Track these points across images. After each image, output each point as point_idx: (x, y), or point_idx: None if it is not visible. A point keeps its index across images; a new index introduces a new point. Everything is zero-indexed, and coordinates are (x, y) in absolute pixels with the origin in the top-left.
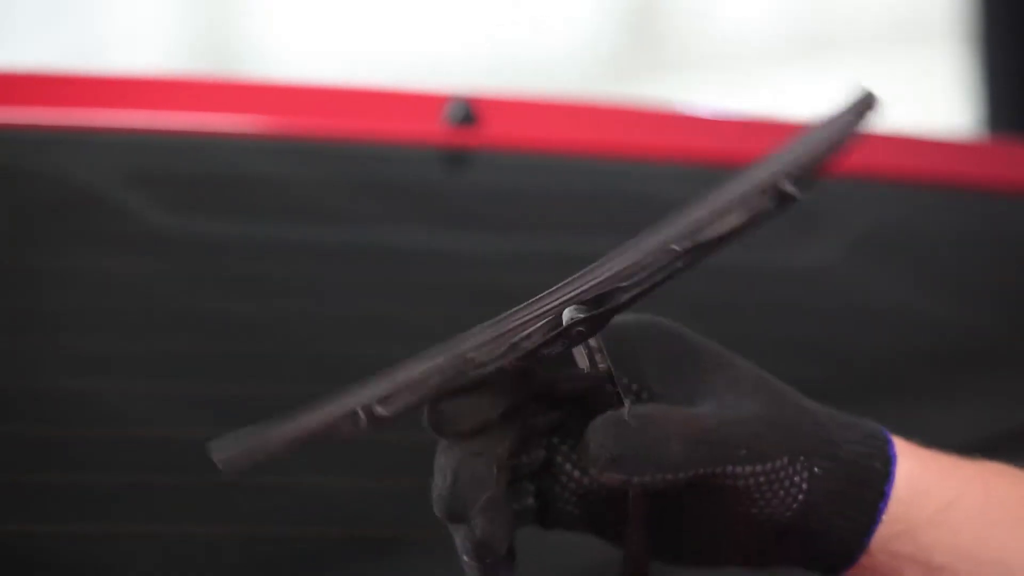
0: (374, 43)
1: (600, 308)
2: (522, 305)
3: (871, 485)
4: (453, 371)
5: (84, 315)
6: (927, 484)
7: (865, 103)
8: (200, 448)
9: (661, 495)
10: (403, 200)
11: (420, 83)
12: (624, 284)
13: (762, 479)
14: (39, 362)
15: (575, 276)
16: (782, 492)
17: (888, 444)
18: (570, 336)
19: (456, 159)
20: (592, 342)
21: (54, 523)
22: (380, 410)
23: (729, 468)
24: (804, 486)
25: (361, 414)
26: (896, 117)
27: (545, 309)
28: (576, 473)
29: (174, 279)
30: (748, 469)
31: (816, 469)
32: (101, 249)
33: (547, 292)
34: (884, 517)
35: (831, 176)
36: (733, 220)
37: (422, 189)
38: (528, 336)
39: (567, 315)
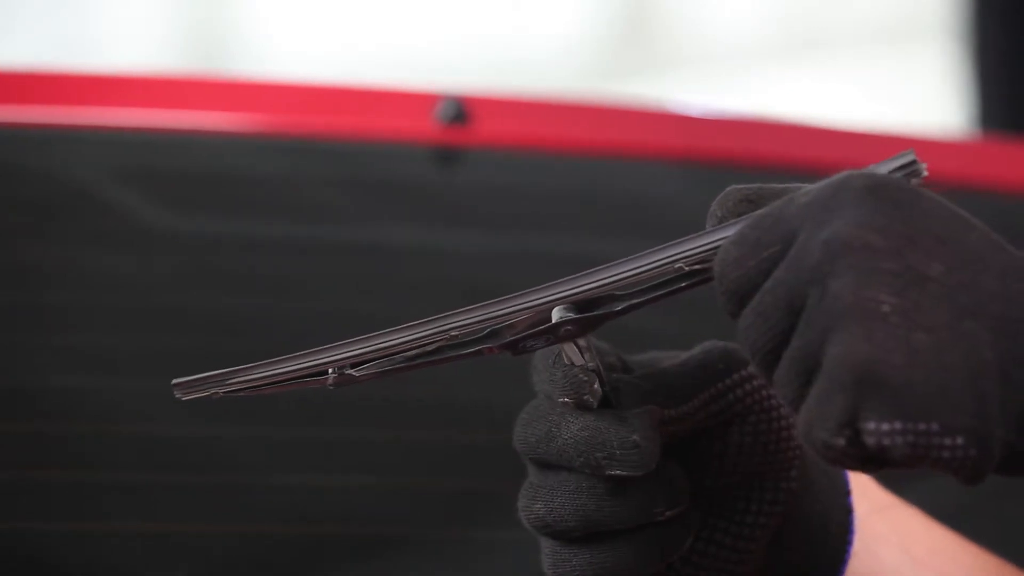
0: (366, 41)
1: (592, 312)
2: (515, 294)
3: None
4: (433, 346)
5: (77, 312)
6: (865, 483)
7: (907, 168)
8: (195, 445)
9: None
10: (395, 198)
11: (412, 81)
12: (620, 293)
13: (757, 383)
14: (33, 359)
15: (573, 276)
16: (782, 420)
17: None
18: (557, 334)
19: (448, 157)
20: (581, 341)
21: (48, 520)
22: (352, 372)
23: (735, 376)
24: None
25: (332, 372)
26: (888, 116)
27: (535, 303)
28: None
29: (167, 276)
30: (748, 371)
31: None
32: (94, 246)
33: (542, 286)
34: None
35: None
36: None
37: (414, 187)
38: (511, 326)
39: (557, 313)
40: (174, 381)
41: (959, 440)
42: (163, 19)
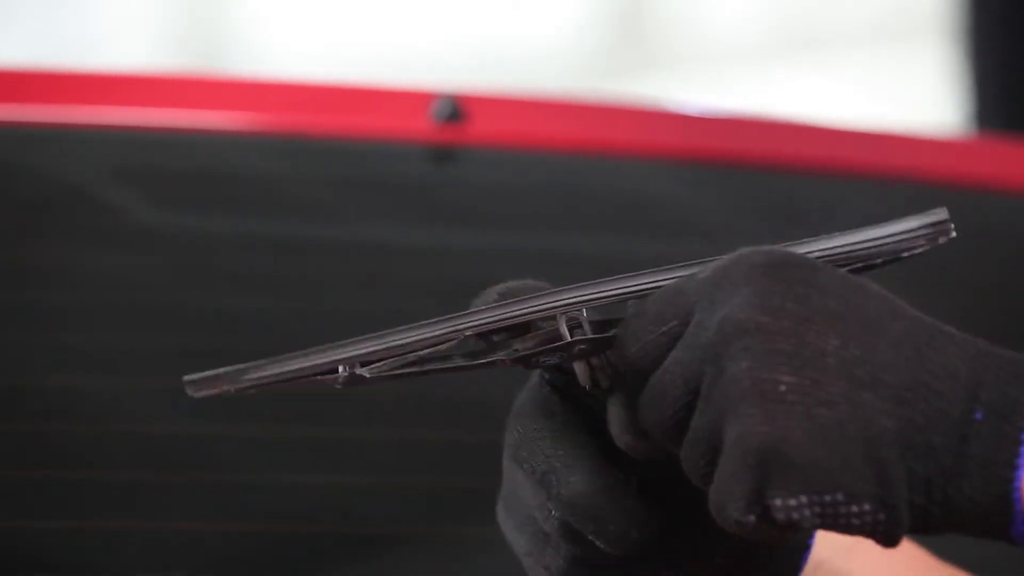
0: (362, 40)
1: (608, 332)
2: (531, 296)
3: None
4: (445, 346)
5: (72, 311)
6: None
7: (938, 226)
8: (188, 444)
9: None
10: (390, 196)
11: (407, 80)
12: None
13: None
14: (27, 357)
15: (596, 280)
16: None
17: None
18: (571, 352)
19: (443, 156)
20: (595, 360)
21: (43, 519)
22: (363, 372)
23: None
24: None
25: (342, 371)
26: (886, 115)
27: (551, 305)
28: None
29: (162, 275)
30: None
31: None
32: (89, 245)
33: (560, 288)
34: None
35: (819, 174)
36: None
37: (409, 186)
38: (525, 339)
39: (567, 328)
40: (186, 378)
41: (866, 506)
42: (162, 19)
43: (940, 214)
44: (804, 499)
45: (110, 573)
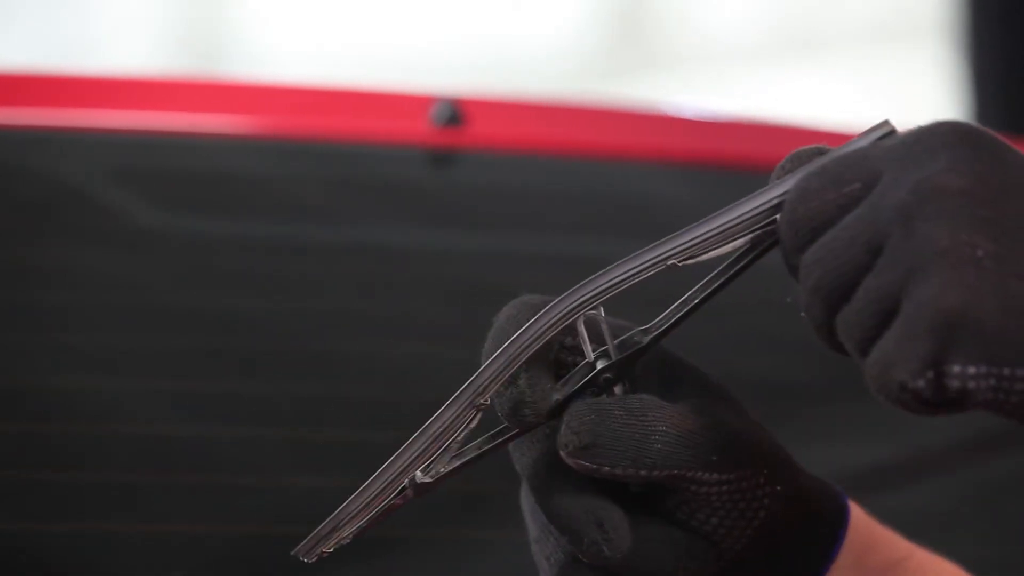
0: (361, 42)
1: (626, 352)
2: (525, 327)
3: (828, 522)
4: (475, 422)
5: (71, 312)
6: (882, 535)
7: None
8: (188, 445)
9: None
10: (390, 199)
11: (406, 83)
12: (644, 326)
13: (725, 488)
14: (26, 359)
15: (580, 283)
16: (743, 505)
17: (842, 493)
18: (597, 383)
19: (442, 159)
20: (617, 389)
21: (43, 519)
22: (423, 478)
23: (699, 474)
24: (766, 501)
25: (407, 486)
26: (884, 115)
27: (548, 325)
28: None
29: (161, 276)
30: (715, 477)
31: (779, 488)
32: (88, 247)
33: (549, 307)
34: (836, 562)
35: None
36: (738, 242)
37: (409, 188)
38: (558, 389)
39: (593, 361)
40: (294, 551)
41: None
42: (162, 20)
43: (887, 126)
44: (983, 369)
45: (110, 573)
